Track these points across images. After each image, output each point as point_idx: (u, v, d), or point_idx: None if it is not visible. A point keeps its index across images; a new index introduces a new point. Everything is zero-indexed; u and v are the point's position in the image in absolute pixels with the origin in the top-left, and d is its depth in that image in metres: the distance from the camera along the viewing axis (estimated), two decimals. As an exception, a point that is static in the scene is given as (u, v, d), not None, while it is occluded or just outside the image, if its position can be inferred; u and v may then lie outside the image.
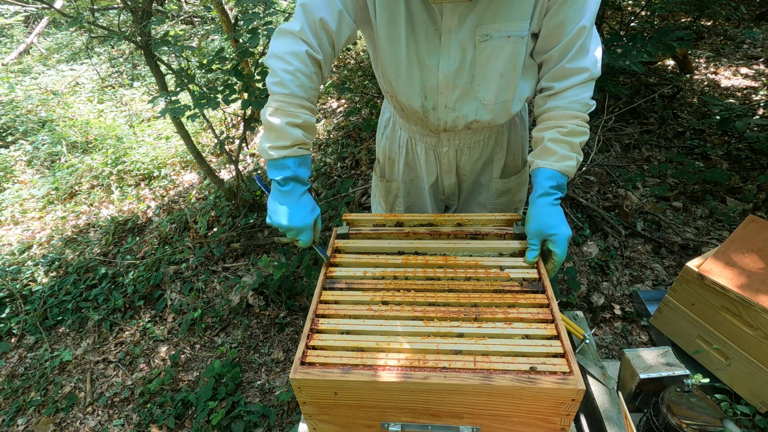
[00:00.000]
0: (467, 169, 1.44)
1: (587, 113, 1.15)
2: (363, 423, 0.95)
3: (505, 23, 1.06)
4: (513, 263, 1.12)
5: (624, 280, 2.50)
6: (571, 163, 1.13)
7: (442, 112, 1.23)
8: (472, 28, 1.07)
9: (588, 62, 1.11)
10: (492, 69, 1.14)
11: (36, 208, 3.91)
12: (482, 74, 1.15)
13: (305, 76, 1.07)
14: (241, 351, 2.44)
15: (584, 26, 1.07)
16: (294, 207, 1.09)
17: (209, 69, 2.62)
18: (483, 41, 1.09)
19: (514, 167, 1.48)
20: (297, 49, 1.06)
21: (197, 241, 3.18)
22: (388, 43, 1.14)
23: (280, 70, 1.07)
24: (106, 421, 2.22)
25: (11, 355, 2.64)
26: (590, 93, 1.14)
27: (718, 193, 2.94)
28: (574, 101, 1.13)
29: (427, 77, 1.17)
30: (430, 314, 0.98)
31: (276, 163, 1.09)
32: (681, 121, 3.71)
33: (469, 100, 1.20)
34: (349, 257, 1.17)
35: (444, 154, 1.39)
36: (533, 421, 0.89)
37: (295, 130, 1.07)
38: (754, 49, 4.77)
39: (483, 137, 1.36)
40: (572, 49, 1.09)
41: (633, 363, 1.12)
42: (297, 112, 1.08)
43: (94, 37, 5.33)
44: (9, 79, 5.79)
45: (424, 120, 1.28)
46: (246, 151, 4.23)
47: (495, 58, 1.12)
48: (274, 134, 1.08)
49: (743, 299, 1.59)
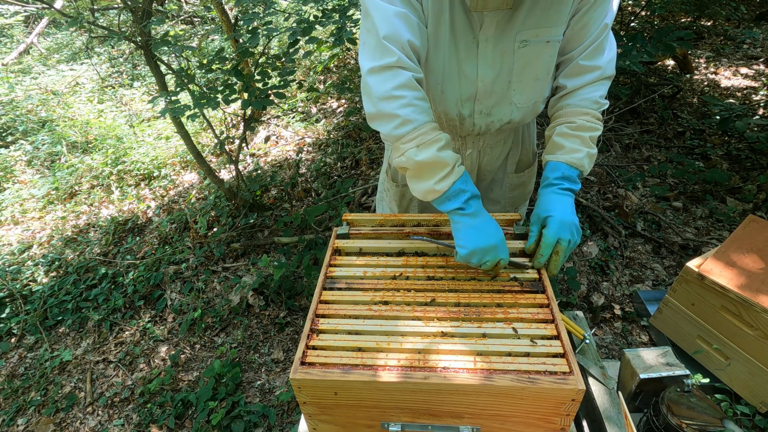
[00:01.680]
0: (488, 169, 1.45)
1: (599, 111, 1.15)
2: (363, 423, 0.95)
3: (545, 29, 1.07)
4: (513, 263, 1.11)
5: (624, 280, 2.50)
6: (578, 155, 1.12)
7: (477, 118, 1.23)
8: (512, 34, 1.07)
9: (602, 61, 1.11)
10: (529, 74, 1.15)
11: (36, 208, 3.91)
12: (519, 79, 1.15)
13: (421, 100, 1.02)
14: (241, 351, 2.44)
15: (606, 24, 1.08)
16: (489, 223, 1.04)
17: (209, 69, 2.62)
18: (522, 47, 1.09)
19: (526, 161, 1.49)
20: (402, 81, 0.99)
21: (197, 241, 3.18)
22: (432, 51, 1.12)
23: (395, 109, 1.00)
24: (106, 421, 2.22)
25: (11, 355, 2.64)
26: (602, 92, 1.15)
27: (718, 193, 2.94)
28: (584, 99, 1.14)
29: (466, 86, 1.16)
30: (430, 314, 0.98)
31: (448, 194, 1.02)
32: (681, 121, 3.71)
33: (505, 105, 1.21)
34: (349, 257, 1.17)
35: (467, 156, 1.38)
36: (533, 421, 0.89)
37: (446, 151, 1.02)
38: (754, 49, 4.76)
39: (504, 136, 1.37)
40: (590, 47, 1.10)
41: (633, 363, 1.12)
42: (437, 136, 1.01)
43: (94, 37, 5.34)
44: (9, 79, 5.79)
45: (458, 127, 1.27)
46: (246, 151, 4.23)
47: (532, 64, 1.13)
48: (430, 169, 1.02)
49: (743, 299, 1.59)
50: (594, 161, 1.16)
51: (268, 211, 3.37)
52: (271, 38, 2.53)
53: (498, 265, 1.03)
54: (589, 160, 1.14)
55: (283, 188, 3.62)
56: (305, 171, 3.79)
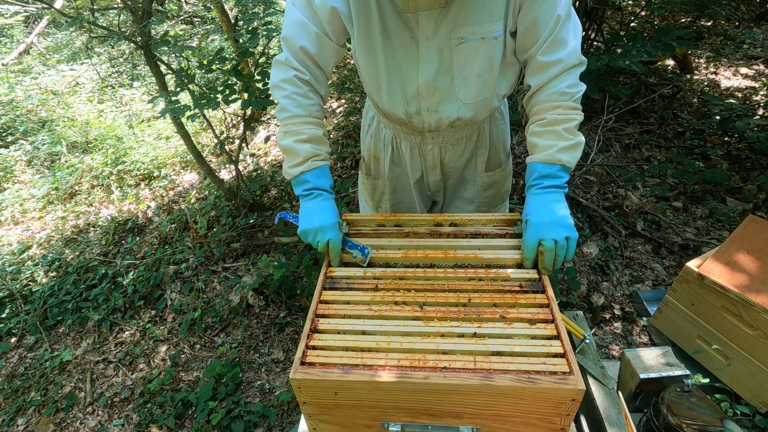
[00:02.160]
0: (452, 165, 1.46)
1: (571, 100, 1.12)
2: (363, 423, 0.95)
3: (478, 26, 1.08)
4: (513, 263, 1.11)
5: (624, 280, 2.50)
6: (551, 150, 1.10)
7: (425, 115, 1.25)
8: (447, 32, 1.09)
9: (563, 53, 1.08)
10: (470, 70, 1.16)
11: (36, 208, 3.91)
12: (461, 75, 1.17)
13: (300, 96, 1.18)
14: (241, 351, 2.44)
15: (559, 16, 1.05)
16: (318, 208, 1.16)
17: (209, 69, 2.62)
18: (459, 44, 1.11)
19: (497, 161, 1.49)
20: (286, 76, 1.17)
21: (197, 241, 3.18)
22: (366, 56, 1.17)
23: (279, 97, 1.19)
24: (106, 421, 2.22)
25: (11, 355, 2.64)
26: (570, 81, 1.11)
27: (718, 193, 2.94)
28: (551, 93, 1.12)
29: (408, 85, 1.19)
30: (430, 314, 0.98)
31: (296, 180, 1.19)
32: (681, 121, 3.71)
33: (451, 101, 1.22)
34: (349, 257, 1.17)
35: (428, 151, 1.40)
36: (533, 421, 0.89)
37: (304, 145, 1.17)
38: (754, 49, 4.76)
39: (466, 134, 1.37)
40: (546, 42, 1.08)
41: (633, 363, 1.12)
42: (301, 129, 1.17)
43: (94, 37, 5.34)
44: (9, 79, 5.79)
45: (408, 123, 1.29)
46: (246, 151, 4.23)
47: (472, 60, 1.14)
48: (287, 155, 1.19)
49: (743, 299, 1.59)
50: (578, 150, 1.12)
51: (268, 211, 3.37)
52: (271, 38, 2.53)
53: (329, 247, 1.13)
54: (568, 151, 1.11)
55: (283, 188, 3.62)
56: (305, 171, 3.78)
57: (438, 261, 1.12)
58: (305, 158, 1.17)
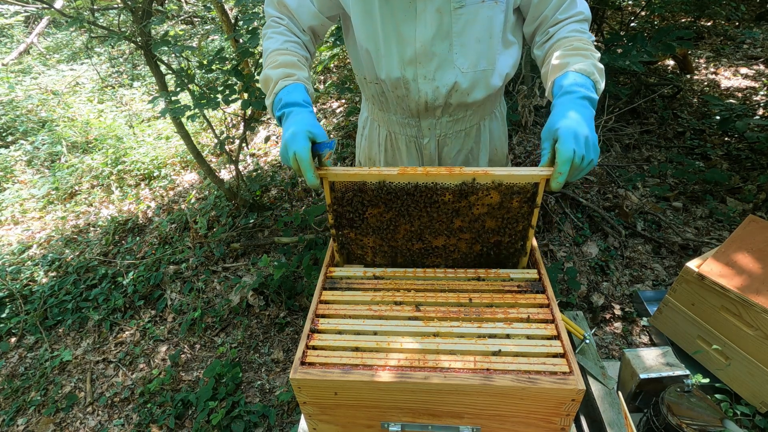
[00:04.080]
0: (449, 162, 1.45)
1: (591, 42, 1.11)
2: (363, 423, 0.95)
3: None
4: (513, 263, 1.11)
5: (624, 280, 2.50)
6: (585, 63, 1.03)
7: (422, 83, 1.23)
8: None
9: (580, 8, 1.14)
10: (469, 36, 1.15)
11: (36, 208, 3.91)
12: (460, 42, 1.16)
13: (276, 33, 1.20)
14: (241, 351, 2.44)
15: None
16: (288, 125, 1.04)
17: (209, 69, 2.62)
18: (458, 7, 1.11)
19: (498, 161, 1.49)
20: (267, 23, 1.24)
21: (197, 241, 3.18)
22: (363, 18, 1.17)
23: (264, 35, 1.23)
24: (106, 421, 2.22)
25: (11, 355, 2.64)
26: (587, 27, 1.16)
27: (718, 193, 2.93)
28: (572, 30, 1.13)
29: (405, 48, 1.18)
30: (430, 314, 0.98)
31: (273, 107, 1.12)
32: (681, 121, 3.71)
33: (448, 69, 1.20)
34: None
35: (426, 145, 1.39)
36: (533, 421, 0.89)
37: (276, 70, 1.13)
38: (754, 49, 4.76)
39: (464, 127, 1.36)
40: (563, 5, 1.13)
41: (633, 363, 1.12)
42: (275, 58, 1.15)
43: (94, 37, 5.33)
44: (9, 79, 5.80)
45: (405, 97, 1.27)
46: (246, 151, 4.23)
47: (471, 24, 1.14)
48: (265, 87, 1.15)
49: (743, 299, 1.59)
50: (604, 79, 1.05)
51: (268, 211, 3.37)
52: (271, 38, 2.53)
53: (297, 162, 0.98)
54: (599, 72, 1.03)
55: (283, 188, 3.62)
56: (305, 171, 3.78)
57: (441, 179, 1.01)
58: (276, 81, 1.11)
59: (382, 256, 1.15)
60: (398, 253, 1.15)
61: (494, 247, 1.10)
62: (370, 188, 1.04)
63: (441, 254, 1.13)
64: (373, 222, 1.09)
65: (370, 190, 1.05)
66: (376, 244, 1.14)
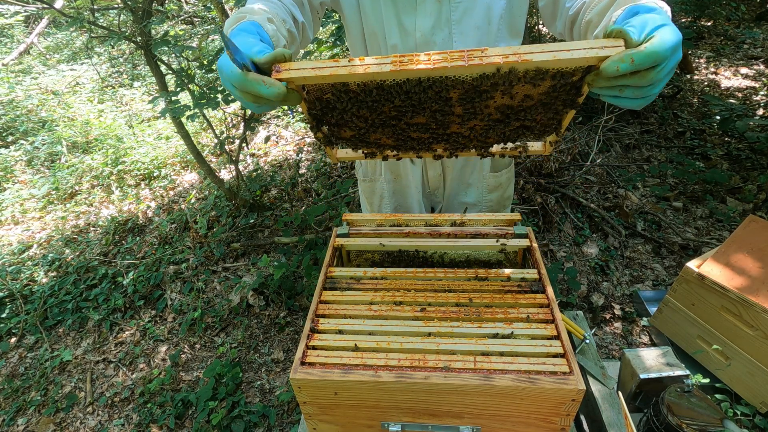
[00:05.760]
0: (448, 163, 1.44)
1: None
2: (363, 423, 0.95)
3: None
4: (513, 263, 1.11)
5: (624, 280, 2.50)
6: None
7: None
8: None
9: None
10: (467, 23, 1.16)
11: (36, 208, 3.91)
12: (459, 30, 1.16)
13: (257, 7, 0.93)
14: (241, 351, 2.44)
15: None
16: None
17: (209, 69, 2.62)
18: None
19: (503, 161, 1.49)
20: None
21: (197, 241, 3.18)
22: (370, 6, 1.16)
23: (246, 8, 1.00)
24: (107, 421, 2.22)
25: (11, 355, 2.64)
26: None
27: (718, 193, 2.93)
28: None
29: (405, 39, 1.19)
30: (430, 314, 0.98)
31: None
32: (681, 121, 3.71)
33: None
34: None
35: None
36: (533, 421, 0.89)
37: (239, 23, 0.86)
38: (754, 49, 4.76)
39: None
40: None
41: (633, 363, 1.12)
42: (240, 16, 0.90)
43: (94, 37, 5.33)
44: (9, 79, 5.80)
45: None
46: (246, 151, 4.23)
47: (470, 12, 1.14)
48: None
49: (743, 299, 1.59)
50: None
51: (268, 211, 3.37)
52: (271, 38, 2.53)
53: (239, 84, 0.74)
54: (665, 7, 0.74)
55: (283, 188, 3.62)
56: (305, 171, 3.79)
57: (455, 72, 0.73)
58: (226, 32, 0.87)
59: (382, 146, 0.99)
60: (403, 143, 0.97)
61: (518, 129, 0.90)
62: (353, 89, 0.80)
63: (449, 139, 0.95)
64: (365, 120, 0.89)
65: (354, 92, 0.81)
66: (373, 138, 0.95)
